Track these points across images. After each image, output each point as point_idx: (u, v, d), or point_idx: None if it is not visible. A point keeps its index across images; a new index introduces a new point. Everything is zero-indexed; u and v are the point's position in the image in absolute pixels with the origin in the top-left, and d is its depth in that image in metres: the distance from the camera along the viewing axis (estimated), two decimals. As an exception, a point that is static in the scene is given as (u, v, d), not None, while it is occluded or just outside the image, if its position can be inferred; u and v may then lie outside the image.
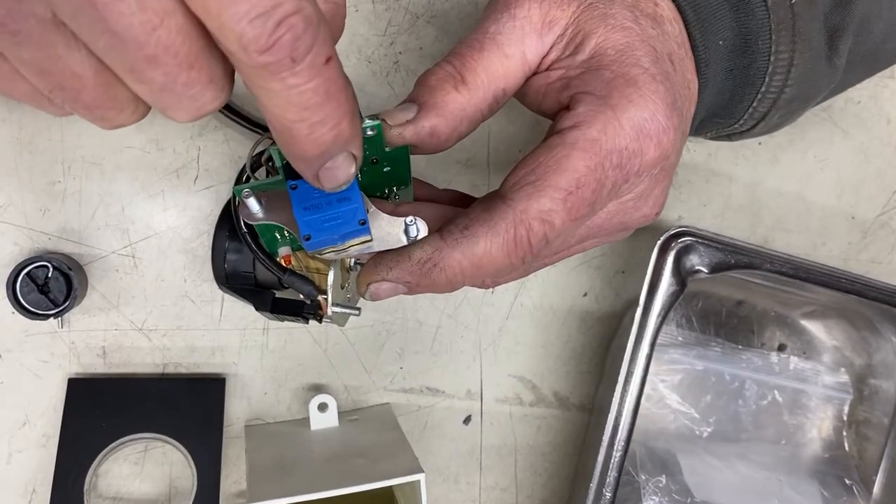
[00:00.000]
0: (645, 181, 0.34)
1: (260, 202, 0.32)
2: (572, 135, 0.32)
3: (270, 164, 0.34)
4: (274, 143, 0.29)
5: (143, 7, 0.22)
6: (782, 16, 0.37)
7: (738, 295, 0.54)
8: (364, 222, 0.31)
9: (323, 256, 0.32)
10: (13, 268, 0.43)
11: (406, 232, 0.32)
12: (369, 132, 0.32)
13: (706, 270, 0.45)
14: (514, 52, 0.34)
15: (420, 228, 0.32)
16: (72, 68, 0.24)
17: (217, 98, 0.25)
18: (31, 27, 0.23)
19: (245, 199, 0.31)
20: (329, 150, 0.26)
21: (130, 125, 0.27)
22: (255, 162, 0.35)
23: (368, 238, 0.31)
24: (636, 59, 0.33)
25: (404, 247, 0.32)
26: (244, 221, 0.34)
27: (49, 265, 0.43)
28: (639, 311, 0.45)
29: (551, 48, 0.35)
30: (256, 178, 0.34)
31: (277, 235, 0.36)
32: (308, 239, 0.30)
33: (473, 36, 0.35)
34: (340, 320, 0.39)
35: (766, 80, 0.39)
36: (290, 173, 0.31)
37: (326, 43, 0.23)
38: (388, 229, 0.32)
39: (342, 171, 0.27)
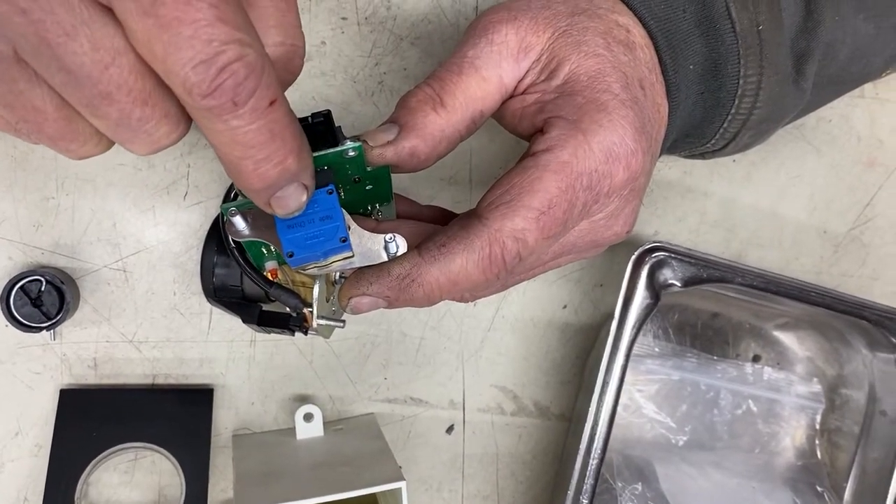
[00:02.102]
0: (615, 201, 0.36)
1: (246, 220, 0.33)
2: (545, 157, 0.33)
3: None
4: None
5: (94, 46, 0.23)
6: (750, 41, 0.39)
7: (713, 307, 0.56)
8: (345, 240, 0.32)
9: (307, 272, 0.34)
10: (7, 281, 0.44)
11: (386, 248, 0.34)
12: (351, 153, 0.33)
13: (679, 284, 0.47)
14: (491, 75, 0.36)
15: (399, 245, 0.34)
16: (33, 103, 0.26)
17: (172, 132, 0.27)
18: None
19: (231, 218, 0.33)
20: (276, 183, 0.27)
21: (97, 156, 0.29)
22: (229, 193, 0.37)
23: (350, 255, 0.33)
24: (607, 85, 0.35)
25: (384, 263, 0.34)
26: (232, 238, 0.35)
27: (42, 279, 0.44)
28: (614, 323, 0.46)
29: (527, 72, 0.36)
30: (244, 197, 0.35)
31: (264, 250, 0.37)
32: (291, 256, 0.32)
33: (452, 60, 0.36)
34: (326, 332, 0.41)
35: (736, 102, 0.41)
36: None
37: (271, 86, 0.24)
38: (370, 246, 0.34)
39: (292, 200, 0.28)
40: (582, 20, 0.36)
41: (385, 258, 0.34)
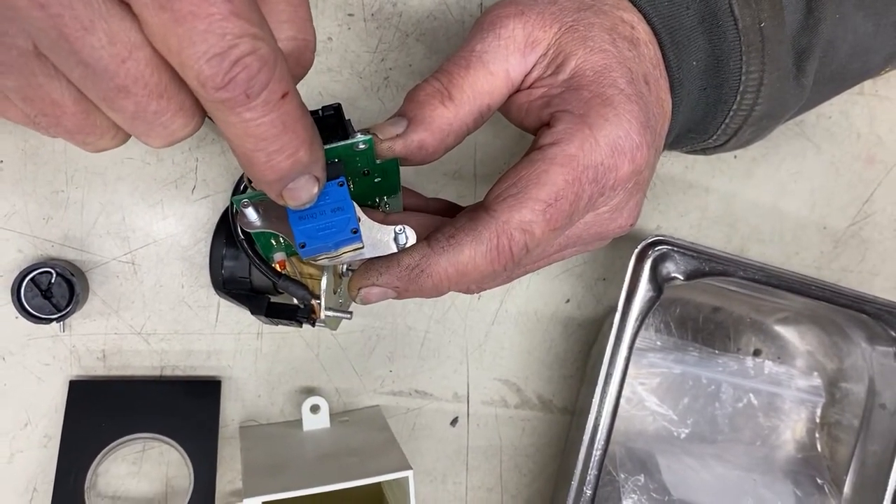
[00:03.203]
0: (620, 194, 0.36)
1: (257, 211, 0.34)
2: (552, 151, 0.34)
3: None
4: None
5: (112, 41, 0.24)
6: (752, 38, 0.40)
7: (714, 301, 0.57)
8: (356, 231, 0.33)
9: (317, 263, 0.34)
10: (18, 273, 0.44)
11: (396, 240, 0.34)
12: (361, 146, 0.34)
13: (682, 277, 0.47)
14: (498, 69, 0.36)
15: (409, 236, 0.34)
16: (52, 96, 0.26)
17: (187, 125, 0.27)
18: (14, 58, 0.25)
19: (243, 209, 0.33)
20: (287, 174, 0.28)
21: (113, 149, 0.29)
22: (239, 184, 0.37)
23: (360, 246, 0.33)
24: (613, 80, 0.35)
25: (394, 254, 0.34)
26: (242, 229, 0.36)
27: (52, 271, 0.44)
28: (617, 316, 0.47)
29: (534, 67, 0.37)
30: (253, 189, 0.36)
31: (273, 242, 0.38)
32: (303, 247, 0.32)
33: (460, 54, 0.37)
34: (333, 324, 0.41)
35: (738, 98, 0.41)
36: None
37: (283, 79, 0.25)
38: (379, 237, 0.34)
39: (304, 191, 0.29)
40: (588, 16, 0.37)
41: (394, 249, 0.34)
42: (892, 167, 0.58)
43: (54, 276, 0.45)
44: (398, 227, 0.34)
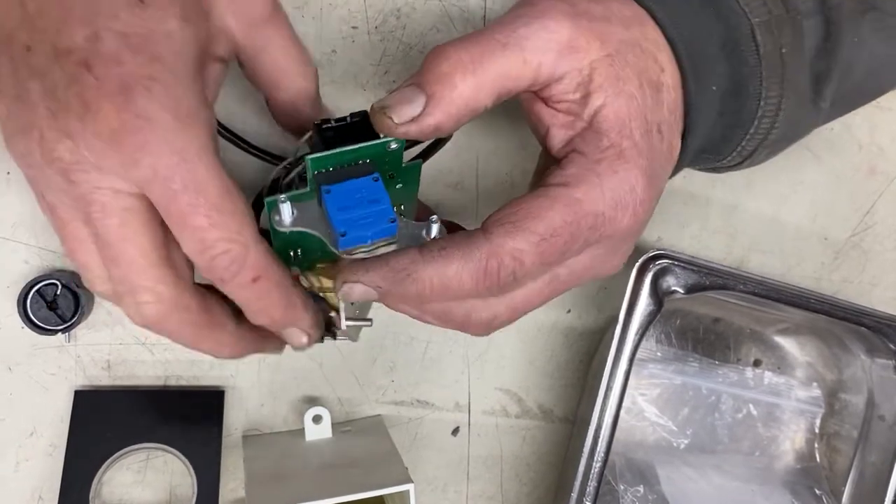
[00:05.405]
0: (615, 241, 0.37)
1: (292, 212, 0.34)
2: (557, 191, 0.34)
3: (299, 177, 0.37)
4: (309, 153, 0.34)
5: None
6: (773, 64, 0.39)
7: (715, 313, 0.57)
8: (394, 220, 0.34)
9: (353, 256, 0.35)
10: (24, 285, 0.45)
11: (427, 231, 0.36)
12: (394, 145, 0.35)
13: (682, 291, 0.47)
14: (533, 59, 0.35)
15: (438, 228, 0.36)
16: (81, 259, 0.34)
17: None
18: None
19: (280, 205, 0.34)
20: (271, 327, 0.36)
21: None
22: (271, 188, 0.38)
23: (394, 239, 0.35)
24: (630, 132, 0.35)
25: (383, 255, 0.35)
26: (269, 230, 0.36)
27: (58, 283, 0.45)
28: (618, 328, 0.47)
29: (563, 78, 0.35)
30: (284, 191, 0.36)
31: (290, 253, 0.38)
32: (344, 235, 0.33)
33: (499, 30, 0.35)
34: (354, 334, 0.42)
35: (755, 122, 0.41)
36: (323, 180, 0.34)
37: (254, 267, 0.32)
38: (412, 232, 0.36)
39: (294, 338, 0.37)
40: (626, 51, 0.36)
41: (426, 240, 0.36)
42: (894, 178, 0.58)
43: (60, 287, 0.45)
44: (434, 217, 0.35)
